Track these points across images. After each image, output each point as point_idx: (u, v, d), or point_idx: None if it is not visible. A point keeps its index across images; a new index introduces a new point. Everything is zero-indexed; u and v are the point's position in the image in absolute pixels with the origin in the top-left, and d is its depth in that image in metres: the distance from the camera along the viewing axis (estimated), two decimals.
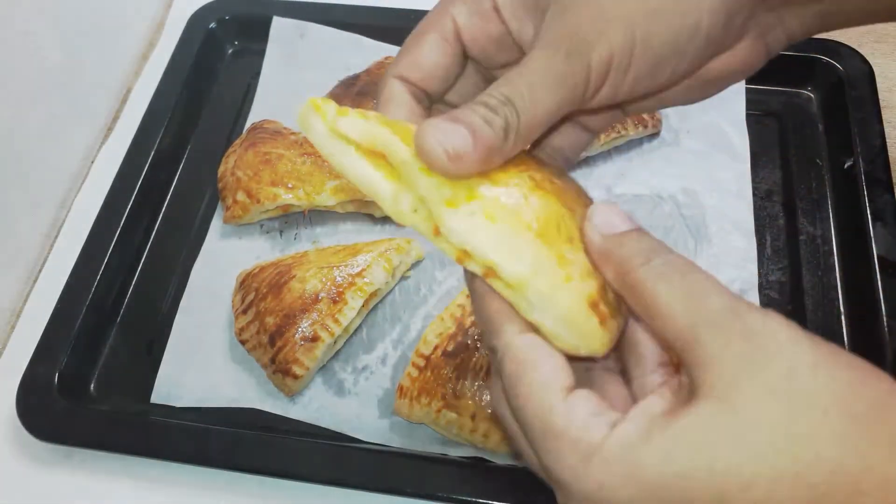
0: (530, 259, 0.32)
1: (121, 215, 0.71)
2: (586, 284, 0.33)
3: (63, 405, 0.62)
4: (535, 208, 0.33)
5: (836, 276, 0.68)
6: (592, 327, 0.32)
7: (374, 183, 0.34)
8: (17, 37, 0.71)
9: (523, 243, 0.32)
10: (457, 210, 0.32)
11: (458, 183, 0.32)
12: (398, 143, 0.33)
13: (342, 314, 0.63)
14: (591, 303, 0.32)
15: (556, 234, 0.33)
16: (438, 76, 0.39)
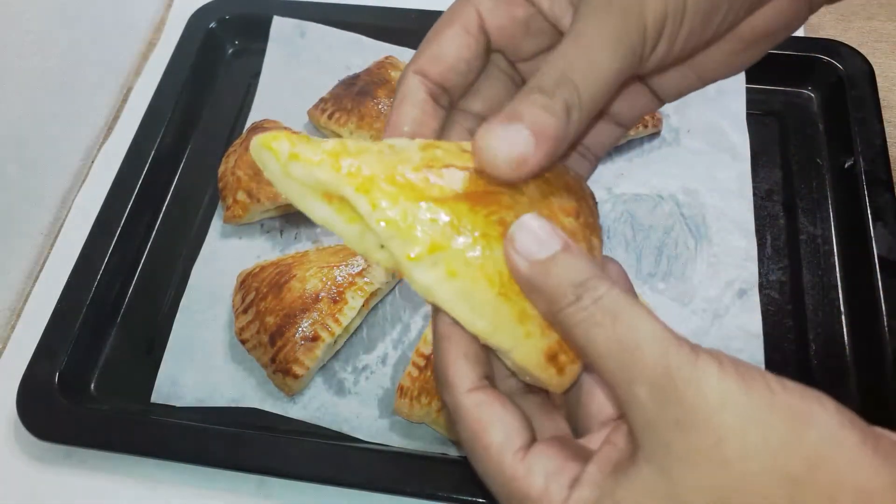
0: (490, 317, 0.32)
1: (121, 215, 0.71)
2: (546, 338, 0.33)
3: (63, 405, 0.62)
4: (499, 261, 0.32)
5: (837, 276, 0.68)
6: (549, 377, 0.33)
7: (335, 226, 0.33)
8: (18, 36, 0.71)
9: (484, 300, 0.32)
10: (419, 263, 0.32)
11: (420, 234, 0.31)
12: (353, 193, 0.31)
13: (342, 314, 0.63)
14: (550, 356, 0.33)
15: (516, 287, 0.32)
16: (460, 70, 0.37)
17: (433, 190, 0.32)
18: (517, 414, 0.33)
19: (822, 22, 0.87)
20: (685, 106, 0.78)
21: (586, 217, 0.35)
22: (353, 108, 0.75)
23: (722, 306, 0.66)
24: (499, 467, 0.32)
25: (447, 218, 0.31)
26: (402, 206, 0.31)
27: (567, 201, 0.35)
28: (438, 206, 0.32)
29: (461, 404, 0.33)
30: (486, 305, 0.32)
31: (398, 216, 0.31)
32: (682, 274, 0.68)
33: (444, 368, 0.34)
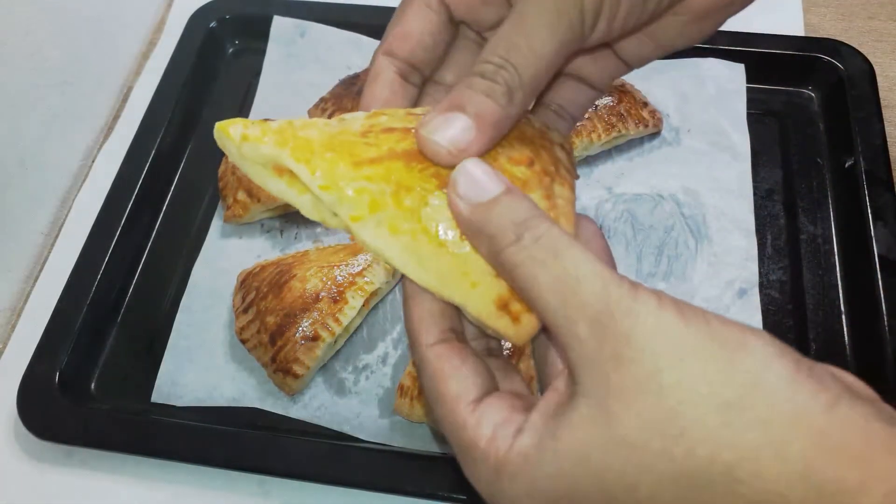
0: (436, 269, 0.33)
1: (121, 214, 0.71)
2: (495, 287, 0.33)
3: (63, 404, 0.62)
4: (437, 214, 0.33)
5: (837, 276, 0.68)
6: (504, 325, 0.33)
7: (290, 197, 0.35)
8: (18, 36, 0.71)
9: (428, 254, 0.33)
10: (364, 223, 0.33)
11: (359, 195, 0.32)
12: (293, 163, 0.33)
13: (343, 313, 0.63)
14: (501, 304, 0.33)
15: (460, 239, 0.33)
16: (426, 45, 0.38)
17: (370, 151, 0.33)
18: (476, 367, 0.33)
19: (822, 22, 0.87)
20: (685, 105, 0.78)
21: (544, 165, 0.36)
22: (354, 108, 0.75)
23: (722, 306, 0.66)
24: (452, 416, 0.32)
25: (375, 178, 0.33)
26: (340, 170, 0.32)
27: (518, 151, 0.35)
28: (374, 166, 0.33)
29: (423, 357, 0.34)
30: (430, 259, 0.33)
31: (336, 180, 0.32)
32: (682, 274, 0.68)
33: (409, 326, 0.35)
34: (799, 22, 0.86)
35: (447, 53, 0.40)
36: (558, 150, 0.38)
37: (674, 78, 0.79)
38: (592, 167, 0.75)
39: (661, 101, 0.78)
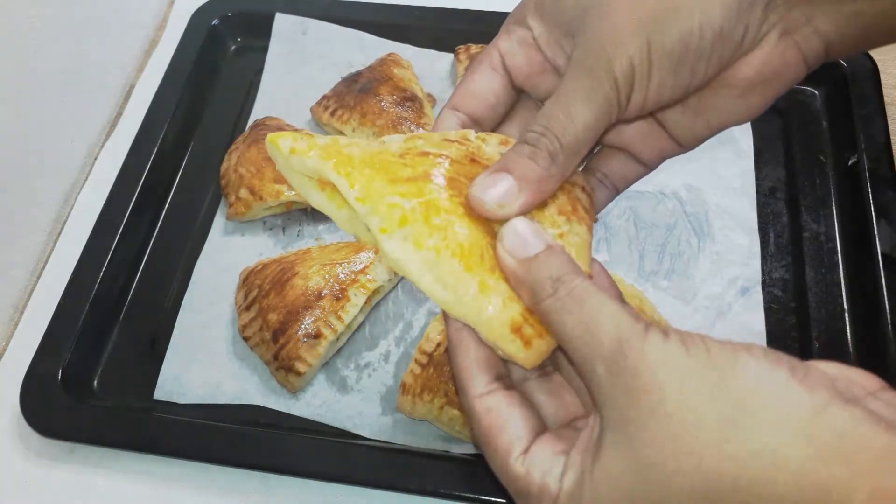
0: (452, 287, 0.35)
1: (124, 212, 0.71)
2: (509, 310, 0.35)
3: (66, 401, 0.62)
4: (461, 235, 0.36)
5: (840, 273, 0.68)
6: (515, 349, 0.35)
7: (328, 209, 0.38)
8: (20, 34, 0.71)
9: (447, 272, 0.35)
10: (391, 235, 0.35)
11: (390, 209, 0.35)
12: (335, 176, 0.36)
13: (345, 311, 0.63)
14: (514, 328, 0.35)
15: (479, 262, 0.35)
16: (488, 103, 0.43)
17: (405, 171, 0.36)
18: (523, 414, 0.36)
19: None
20: None
21: (560, 205, 0.39)
22: (356, 106, 0.75)
23: (725, 304, 0.66)
24: (505, 469, 0.35)
25: (407, 195, 0.36)
26: (376, 186, 0.35)
27: None
28: (408, 184, 0.36)
29: (473, 409, 0.37)
30: (448, 277, 0.35)
31: (371, 194, 0.35)
32: (684, 271, 0.68)
33: (457, 374, 0.38)
34: None
35: (511, 112, 0.44)
36: (578, 192, 0.41)
37: None
38: None
39: None
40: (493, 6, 0.86)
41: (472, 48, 0.80)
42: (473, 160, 0.39)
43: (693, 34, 0.36)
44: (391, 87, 0.76)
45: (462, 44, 0.82)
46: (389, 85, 0.76)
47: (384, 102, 0.74)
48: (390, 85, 0.76)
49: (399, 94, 0.75)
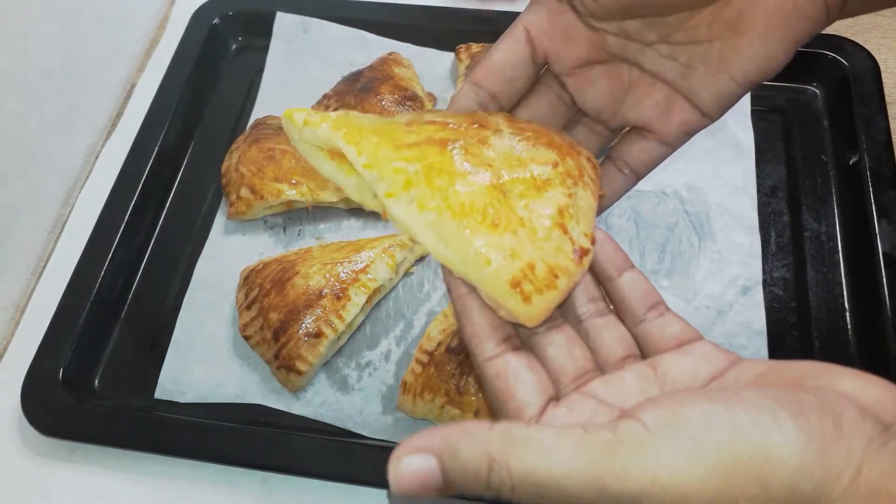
0: (455, 246, 0.36)
1: (124, 211, 0.71)
2: (508, 266, 0.35)
3: (67, 400, 0.62)
4: (462, 195, 0.36)
5: (841, 273, 0.68)
6: (515, 304, 0.35)
7: (338, 178, 0.40)
8: (20, 34, 0.71)
9: (449, 231, 0.36)
10: (397, 199, 0.36)
11: (396, 174, 0.36)
12: (343, 144, 0.37)
13: (346, 310, 0.63)
14: (513, 283, 0.35)
15: (480, 220, 0.36)
16: (507, 76, 0.42)
17: (410, 137, 0.38)
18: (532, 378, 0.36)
19: None
20: None
21: (569, 168, 0.39)
22: (356, 105, 0.75)
23: (725, 303, 0.66)
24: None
25: (418, 159, 0.37)
26: (382, 152, 0.37)
27: (544, 154, 0.39)
28: (412, 149, 0.37)
29: (483, 374, 0.36)
30: (451, 236, 0.36)
31: (378, 160, 0.37)
32: (685, 271, 0.68)
33: (467, 342, 0.37)
34: None
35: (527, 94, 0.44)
36: (585, 161, 0.41)
37: None
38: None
39: None
40: (494, 5, 0.86)
41: (473, 47, 0.80)
42: (480, 125, 0.40)
43: None
44: (392, 86, 0.76)
45: (463, 43, 0.82)
46: (390, 84, 0.76)
47: (385, 102, 0.74)
48: (391, 84, 0.76)
49: (400, 93, 0.75)
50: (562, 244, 0.37)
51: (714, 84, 0.40)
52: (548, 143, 0.40)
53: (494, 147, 0.39)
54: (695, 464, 0.27)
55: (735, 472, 0.27)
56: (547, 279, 0.36)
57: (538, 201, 0.38)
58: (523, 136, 0.40)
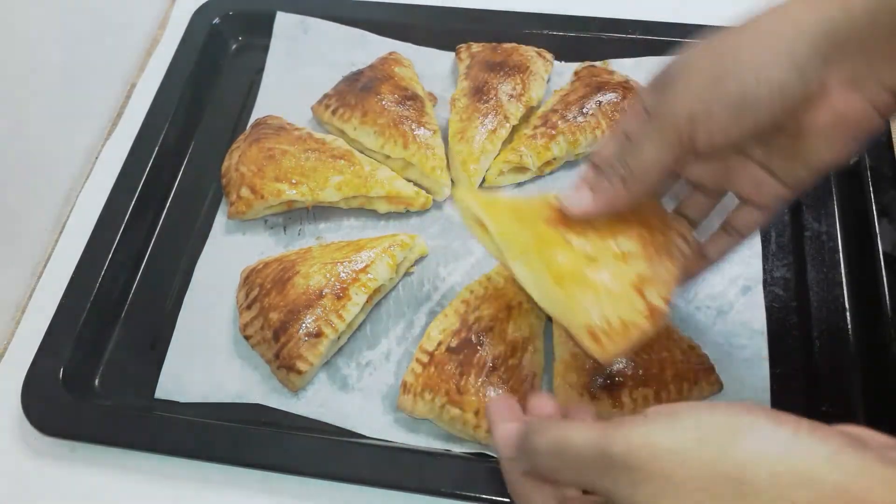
0: (552, 300, 0.49)
1: (125, 211, 0.71)
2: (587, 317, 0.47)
3: (67, 400, 0.62)
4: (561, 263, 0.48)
5: (842, 273, 0.68)
6: (591, 347, 0.47)
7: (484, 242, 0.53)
8: (21, 34, 0.71)
9: (549, 287, 0.48)
10: (515, 261, 0.50)
11: (516, 243, 0.50)
12: (487, 219, 0.51)
13: (346, 310, 0.63)
14: (591, 333, 0.47)
15: (572, 282, 0.48)
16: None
17: (531, 215, 0.51)
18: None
19: None
20: None
21: (655, 243, 0.51)
22: (357, 104, 0.75)
23: (726, 303, 0.66)
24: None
25: (534, 233, 0.50)
26: (510, 226, 0.51)
27: (635, 229, 0.50)
28: (530, 225, 0.51)
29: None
30: (548, 288, 0.48)
31: (506, 232, 0.51)
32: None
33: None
34: None
35: None
36: (677, 237, 0.53)
37: None
38: None
39: None
40: (494, 5, 0.86)
41: (474, 47, 0.80)
42: None
43: (749, 91, 0.43)
44: (392, 85, 0.76)
45: (463, 42, 0.82)
46: (391, 84, 0.76)
47: (385, 101, 0.74)
48: (391, 84, 0.76)
49: (400, 92, 0.75)
50: (636, 304, 0.48)
51: (791, 168, 0.49)
52: (643, 222, 0.51)
53: (594, 224, 0.50)
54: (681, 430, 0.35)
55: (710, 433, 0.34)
56: (620, 330, 0.46)
57: (622, 268, 0.49)
58: (621, 215, 0.50)
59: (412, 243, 0.68)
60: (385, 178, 0.71)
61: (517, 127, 0.75)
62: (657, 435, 0.35)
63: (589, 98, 0.74)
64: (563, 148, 0.73)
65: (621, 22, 0.81)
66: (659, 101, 0.47)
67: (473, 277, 0.68)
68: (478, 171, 0.72)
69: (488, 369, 0.59)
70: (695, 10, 0.84)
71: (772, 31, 0.44)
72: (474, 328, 0.61)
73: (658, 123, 0.46)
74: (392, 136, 0.73)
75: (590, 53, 0.81)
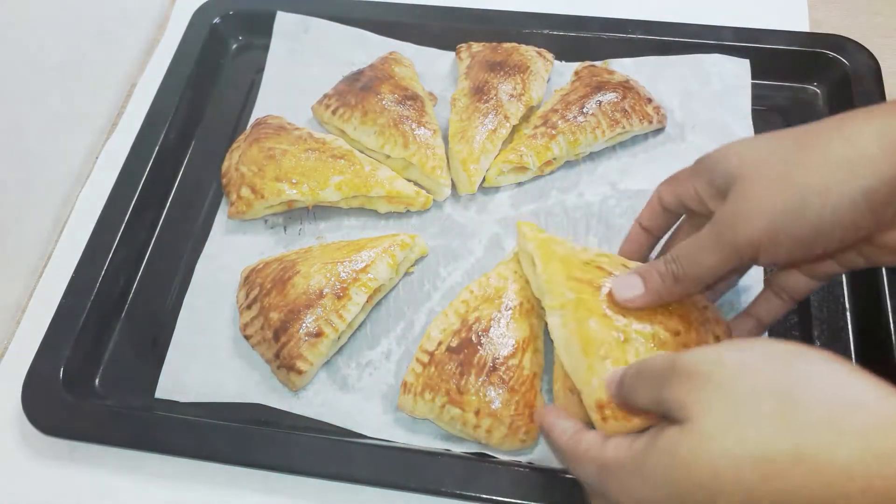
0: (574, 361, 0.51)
1: (125, 211, 0.71)
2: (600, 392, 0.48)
3: (68, 400, 0.62)
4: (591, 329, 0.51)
5: (842, 272, 0.68)
6: (597, 420, 0.48)
7: (531, 276, 0.58)
8: (21, 34, 0.71)
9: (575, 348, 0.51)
10: (552, 311, 0.54)
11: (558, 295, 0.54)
12: (537, 260, 0.56)
13: (346, 310, 0.63)
14: (599, 406, 0.48)
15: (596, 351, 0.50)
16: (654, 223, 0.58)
17: (580, 273, 0.54)
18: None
19: (827, 17, 0.86)
20: (690, 101, 0.78)
21: (688, 340, 0.51)
22: (357, 104, 0.75)
23: (726, 302, 0.66)
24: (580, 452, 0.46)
25: (573, 290, 0.53)
26: (557, 276, 0.54)
27: (674, 322, 0.51)
28: (577, 283, 0.53)
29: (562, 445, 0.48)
30: (575, 352, 0.51)
31: (553, 280, 0.54)
32: None
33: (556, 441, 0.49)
34: (804, 18, 0.86)
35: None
36: (711, 337, 0.53)
37: (679, 74, 0.79)
38: (597, 163, 0.75)
39: (665, 98, 0.77)
40: (494, 4, 0.86)
41: (474, 46, 0.80)
42: None
43: (823, 227, 0.43)
44: (392, 85, 0.75)
45: (463, 42, 0.82)
46: (391, 83, 0.76)
47: (385, 101, 0.74)
48: (392, 83, 0.76)
49: (400, 92, 0.75)
50: None
51: (853, 260, 0.51)
52: (682, 316, 0.52)
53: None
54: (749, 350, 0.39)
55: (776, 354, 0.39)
56: (626, 415, 0.46)
57: (650, 355, 0.48)
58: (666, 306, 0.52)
59: (412, 243, 0.68)
60: (385, 177, 0.71)
61: (517, 127, 0.75)
62: (725, 352, 0.38)
63: (589, 98, 0.74)
64: (564, 147, 0.73)
65: (621, 22, 0.81)
66: (719, 214, 0.47)
67: (473, 277, 0.68)
68: (478, 171, 0.72)
69: (488, 369, 0.59)
70: (695, 10, 0.85)
71: (845, 164, 0.43)
72: (474, 328, 0.61)
73: (717, 238, 0.47)
74: (392, 135, 0.73)
75: (590, 53, 0.81)
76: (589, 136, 0.73)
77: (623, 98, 0.74)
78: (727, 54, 0.79)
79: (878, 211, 0.43)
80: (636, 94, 0.75)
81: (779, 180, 0.44)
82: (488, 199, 0.74)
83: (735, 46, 0.79)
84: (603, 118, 0.73)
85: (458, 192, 0.74)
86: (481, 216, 0.73)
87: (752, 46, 0.79)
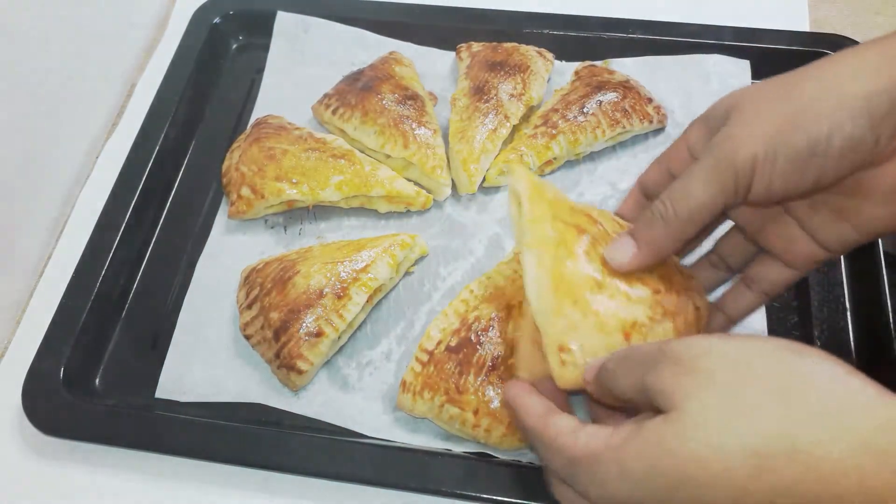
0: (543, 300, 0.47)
1: (125, 210, 0.71)
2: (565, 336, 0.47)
3: (68, 400, 0.62)
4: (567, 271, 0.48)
5: (842, 272, 0.68)
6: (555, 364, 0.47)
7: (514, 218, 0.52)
8: (22, 33, 0.71)
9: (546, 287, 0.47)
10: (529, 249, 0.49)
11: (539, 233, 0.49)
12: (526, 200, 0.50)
13: (346, 309, 0.63)
14: (561, 347, 0.46)
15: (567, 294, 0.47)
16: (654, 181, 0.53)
17: (567, 216, 0.50)
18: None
19: (828, 17, 0.86)
20: (690, 101, 0.78)
21: (666, 302, 0.49)
22: (357, 104, 0.75)
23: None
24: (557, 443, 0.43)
25: (556, 231, 0.49)
26: (544, 216, 0.49)
27: (653, 281, 0.49)
28: (561, 224, 0.49)
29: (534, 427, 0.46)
30: (544, 292, 0.47)
31: (537, 217, 0.49)
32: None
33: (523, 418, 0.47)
34: (805, 17, 0.86)
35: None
36: (691, 307, 0.50)
37: (679, 74, 0.79)
38: (597, 163, 0.75)
39: (665, 98, 0.77)
40: (494, 4, 0.86)
41: (474, 46, 0.80)
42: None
43: (820, 140, 0.40)
44: (393, 85, 0.76)
45: (464, 42, 0.82)
46: (391, 83, 0.76)
47: (386, 101, 0.74)
48: (392, 83, 0.76)
49: (401, 92, 0.75)
50: (616, 346, 0.46)
51: (836, 228, 0.46)
52: (664, 276, 0.50)
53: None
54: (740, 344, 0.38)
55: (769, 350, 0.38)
56: (584, 368, 0.45)
57: (622, 308, 0.47)
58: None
59: (412, 243, 0.68)
60: (385, 177, 0.71)
61: (517, 126, 0.75)
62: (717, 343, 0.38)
63: (589, 97, 0.74)
64: (564, 147, 0.73)
65: (621, 22, 0.81)
66: (714, 140, 0.44)
67: (473, 277, 0.68)
68: (478, 171, 0.72)
69: (487, 368, 0.59)
70: (695, 10, 0.85)
71: (847, 82, 0.41)
72: (474, 327, 0.61)
73: (713, 162, 0.43)
74: (392, 135, 0.73)
75: (590, 53, 0.81)
76: (589, 136, 0.73)
77: (623, 98, 0.74)
78: (727, 54, 0.79)
79: (876, 124, 0.40)
80: (636, 94, 0.75)
81: (776, 100, 0.43)
82: (488, 199, 0.74)
83: (735, 46, 0.79)
84: (603, 118, 0.73)
85: (458, 192, 0.74)
86: (481, 216, 0.73)
87: (752, 46, 0.79)
